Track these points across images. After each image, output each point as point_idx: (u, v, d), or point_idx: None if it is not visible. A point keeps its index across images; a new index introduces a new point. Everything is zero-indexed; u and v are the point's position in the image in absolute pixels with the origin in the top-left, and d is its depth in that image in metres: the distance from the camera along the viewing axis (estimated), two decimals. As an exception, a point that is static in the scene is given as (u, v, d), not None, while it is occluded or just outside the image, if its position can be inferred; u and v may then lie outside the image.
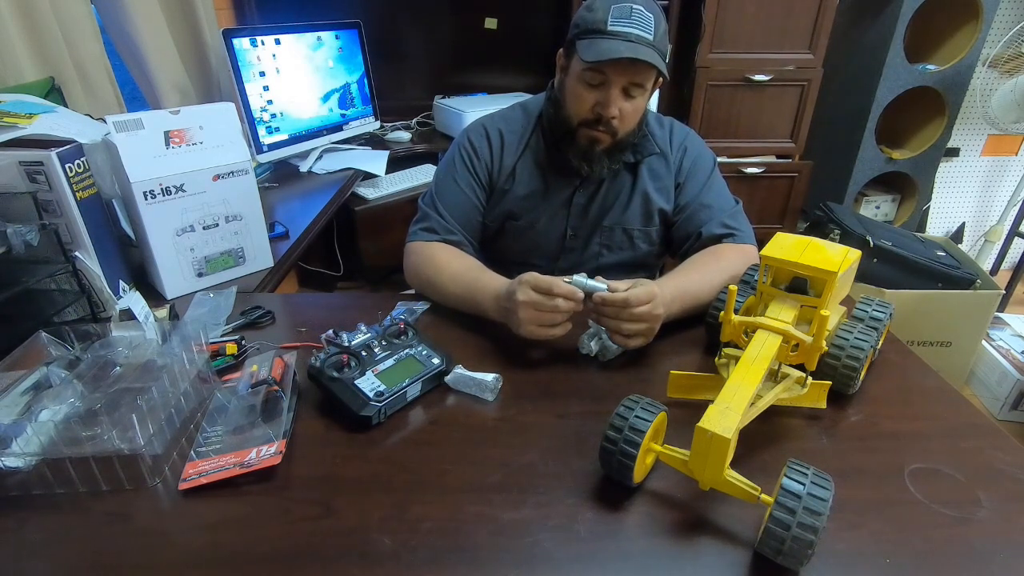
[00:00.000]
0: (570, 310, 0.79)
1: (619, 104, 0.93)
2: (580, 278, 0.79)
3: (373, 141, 2.19)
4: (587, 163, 0.99)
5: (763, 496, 0.55)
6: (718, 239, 1.01)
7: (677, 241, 1.08)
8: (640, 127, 1.01)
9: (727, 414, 0.56)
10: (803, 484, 0.51)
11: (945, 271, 1.83)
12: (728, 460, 0.55)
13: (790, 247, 0.72)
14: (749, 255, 0.99)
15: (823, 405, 0.74)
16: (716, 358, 0.78)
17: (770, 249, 0.72)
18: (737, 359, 0.65)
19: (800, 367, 0.70)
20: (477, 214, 1.07)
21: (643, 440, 0.58)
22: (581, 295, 0.78)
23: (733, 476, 0.56)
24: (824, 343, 0.67)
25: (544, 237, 1.08)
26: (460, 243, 1.03)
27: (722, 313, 0.72)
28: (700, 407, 0.57)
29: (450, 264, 0.97)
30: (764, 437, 0.68)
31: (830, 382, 0.73)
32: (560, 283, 0.78)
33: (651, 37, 0.88)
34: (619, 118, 0.94)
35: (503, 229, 1.09)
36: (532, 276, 0.80)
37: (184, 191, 1.01)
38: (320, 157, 1.94)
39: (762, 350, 0.65)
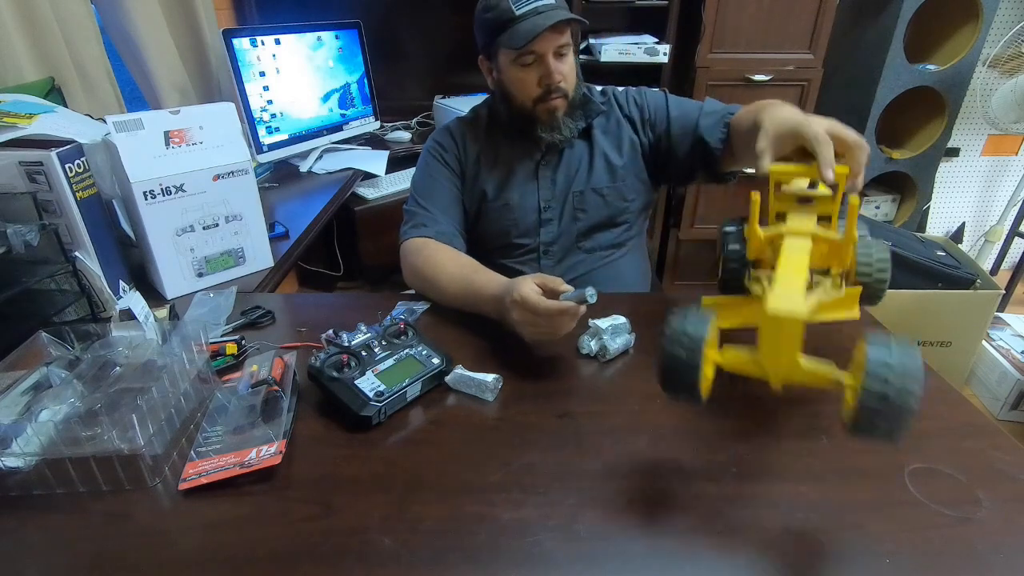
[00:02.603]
0: (565, 324, 0.78)
1: (558, 68, 1.01)
2: (570, 294, 0.77)
3: (373, 141, 2.19)
4: (556, 131, 1.05)
5: (845, 376, 0.51)
6: (731, 114, 1.05)
7: (692, 153, 1.09)
8: (580, 81, 1.08)
9: (791, 294, 0.51)
10: (891, 353, 0.47)
11: (945, 271, 1.83)
12: (799, 345, 0.51)
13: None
14: None
15: (857, 315, 0.71)
16: (745, 279, 0.73)
17: (777, 165, 0.70)
18: (769, 275, 0.60)
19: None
20: (458, 201, 1.13)
21: (704, 346, 0.52)
22: (569, 304, 0.76)
23: (807, 363, 0.52)
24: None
25: (521, 212, 1.12)
26: (450, 234, 1.06)
27: (747, 228, 0.69)
28: (734, 339, 0.54)
29: (447, 266, 0.99)
30: (765, 437, 0.68)
31: (860, 288, 0.71)
32: (546, 304, 0.76)
33: (553, 1, 0.97)
34: (563, 79, 1.02)
35: (481, 211, 1.13)
36: (522, 297, 0.78)
37: (184, 191, 1.01)
38: (320, 157, 1.94)
39: (797, 251, 0.61)
